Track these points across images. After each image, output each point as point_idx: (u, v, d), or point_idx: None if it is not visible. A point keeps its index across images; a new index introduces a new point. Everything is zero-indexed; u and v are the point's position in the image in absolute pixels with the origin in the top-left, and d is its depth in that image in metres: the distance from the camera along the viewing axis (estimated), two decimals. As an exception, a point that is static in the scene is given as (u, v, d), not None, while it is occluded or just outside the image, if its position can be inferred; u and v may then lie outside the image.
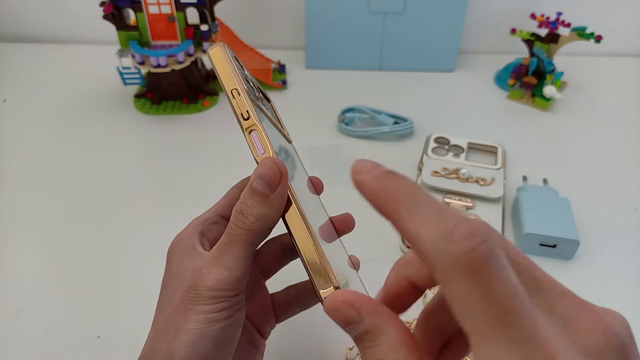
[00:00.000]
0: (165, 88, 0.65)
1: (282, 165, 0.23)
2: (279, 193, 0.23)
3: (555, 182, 0.53)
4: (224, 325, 0.24)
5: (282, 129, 0.30)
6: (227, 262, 0.24)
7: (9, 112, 0.66)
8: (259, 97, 0.28)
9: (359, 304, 0.17)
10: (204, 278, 0.24)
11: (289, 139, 0.31)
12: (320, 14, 0.70)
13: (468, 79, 0.74)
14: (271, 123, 0.28)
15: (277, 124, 0.29)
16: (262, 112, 0.27)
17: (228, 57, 0.26)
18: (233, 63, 0.26)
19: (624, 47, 0.79)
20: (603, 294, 0.42)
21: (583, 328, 0.15)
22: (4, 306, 0.41)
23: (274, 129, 0.28)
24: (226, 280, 0.23)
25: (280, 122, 0.30)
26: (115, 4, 0.58)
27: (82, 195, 0.52)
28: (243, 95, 0.25)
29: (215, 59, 0.26)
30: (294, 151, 0.31)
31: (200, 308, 0.23)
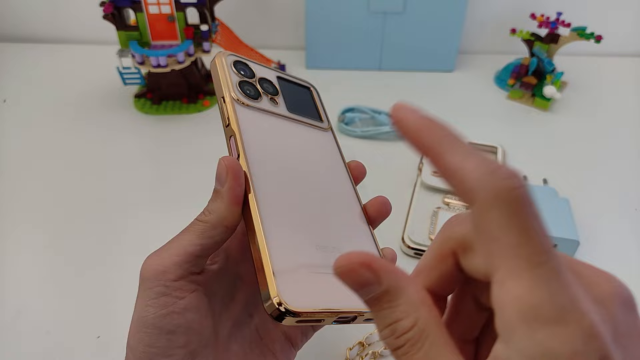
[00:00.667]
0: (165, 88, 0.65)
1: (232, 163, 0.25)
2: (228, 187, 0.24)
3: (555, 182, 0.53)
4: (165, 312, 0.23)
5: (309, 117, 0.31)
6: (171, 248, 0.24)
7: (9, 112, 0.66)
8: (261, 93, 0.29)
9: (376, 265, 0.16)
10: (146, 263, 0.24)
11: (321, 126, 0.31)
12: (321, 14, 0.70)
13: (468, 79, 0.74)
14: (280, 117, 0.29)
15: (301, 114, 0.31)
16: (259, 110, 0.28)
17: (223, 66, 0.29)
18: (227, 71, 0.28)
19: (624, 47, 0.79)
20: (603, 294, 0.43)
21: (594, 282, 0.16)
22: (4, 306, 0.41)
23: (283, 123, 0.29)
24: (163, 263, 0.24)
25: (316, 109, 0.32)
26: (115, 4, 0.58)
27: (82, 195, 0.52)
28: (228, 104, 0.27)
29: (212, 68, 0.29)
30: (328, 138, 0.31)
31: (142, 294, 0.24)
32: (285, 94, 0.31)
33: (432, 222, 0.47)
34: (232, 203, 0.24)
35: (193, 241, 0.24)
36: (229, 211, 0.24)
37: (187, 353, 0.24)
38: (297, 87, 0.33)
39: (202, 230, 0.24)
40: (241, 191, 0.24)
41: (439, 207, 0.49)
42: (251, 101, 0.28)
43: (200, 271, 0.26)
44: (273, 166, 0.27)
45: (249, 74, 0.30)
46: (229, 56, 0.30)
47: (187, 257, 0.24)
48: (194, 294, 0.25)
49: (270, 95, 0.30)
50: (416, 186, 0.52)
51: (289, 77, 0.32)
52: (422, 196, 0.50)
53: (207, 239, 0.24)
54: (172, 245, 0.25)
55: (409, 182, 0.53)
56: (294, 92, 0.32)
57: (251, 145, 0.26)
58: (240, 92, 0.28)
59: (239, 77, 0.29)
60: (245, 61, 0.30)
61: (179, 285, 0.24)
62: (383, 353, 0.38)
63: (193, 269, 0.25)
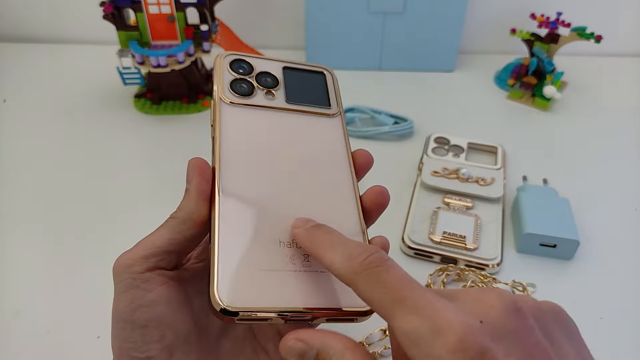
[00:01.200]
0: (165, 88, 0.65)
1: (199, 161, 0.26)
2: (194, 183, 0.25)
3: (555, 182, 0.53)
4: (134, 306, 0.23)
5: (313, 105, 0.30)
6: (140, 244, 0.25)
7: (9, 112, 0.66)
8: (256, 88, 0.30)
9: (304, 336, 0.21)
10: (117, 259, 0.25)
11: (328, 112, 0.31)
12: (321, 14, 0.70)
13: (468, 79, 0.74)
14: (274, 110, 0.29)
15: (303, 102, 0.30)
16: (249, 107, 0.29)
17: (218, 68, 0.30)
18: (221, 72, 0.30)
19: (624, 47, 0.79)
20: (603, 294, 0.43)
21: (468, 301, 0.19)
22: (4, 306, 0.41)
23: (276, 115, 0.29)
24: (130, 256, 0.24)
25: (327, 95, 0.32)
26: (115, 4, 0.58)
27: (82, 195, 0.52)
28: (215, 104, 0.29)
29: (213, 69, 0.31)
30: (333, 124, 0.30)
31: (114, 290, 0.24)
32: (287, 84, 0.31)
33: (432, 222, 0.47)
34: (199, 198, 0.25)
35: (162, 235, 0.25)
36: (196, 206, 0.25)
37: (163, 348, 0.24)
38: (307, 74, 0.32)
39: (171, 225, 0.25)
40: (208, 187, 0.25)
41: (439, 207, 0.49)
42: (241, 98, 0.29)
43: (172, 267, 0.26)
44: (251, 162, 0.27)
45: (247, 70, 0.30)
46: (227, 56, 0.30)
47: (155, 250, 0.25)
48: (163, 287, 0.24)
49: (267, 88, 0.30)
50: (416, 186, 0.52)
51: (301, 65, 0.32)
52: (422, 196, 0.50)
53: (176, 233, 0.25)
54: (141, 241, 0.25)
55: (409, 182, 0.53)
56: (301, 80, 0.31)
57: (229, 142, 0.27)
58: (229, 91, 0.29)
59: (232, 76, 0.30)
60: (245, 58, 0.31)
61: (147, 277, 0.24)
62: (383, 353, 0.38)
63: (161, 264, 0.25)
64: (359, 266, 0.20)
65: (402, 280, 0.19)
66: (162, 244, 0.25)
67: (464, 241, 0.45)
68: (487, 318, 0.18)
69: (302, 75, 0.32)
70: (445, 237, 0.45)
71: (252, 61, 0.31)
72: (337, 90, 0.32)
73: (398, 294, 0.18)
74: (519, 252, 0.46)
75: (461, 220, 0.47)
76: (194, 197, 0.25)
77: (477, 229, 0.46)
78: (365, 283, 0.19)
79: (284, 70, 0.31)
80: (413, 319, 0.17)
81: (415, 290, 0.18)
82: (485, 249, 0.45)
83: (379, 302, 0.19)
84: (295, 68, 0.32)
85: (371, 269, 0.19)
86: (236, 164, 0.26)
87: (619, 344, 0.39)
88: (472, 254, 0.44)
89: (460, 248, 0.45)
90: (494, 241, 0.46)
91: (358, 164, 0.29)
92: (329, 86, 0.32)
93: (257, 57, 0.31)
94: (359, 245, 0.21)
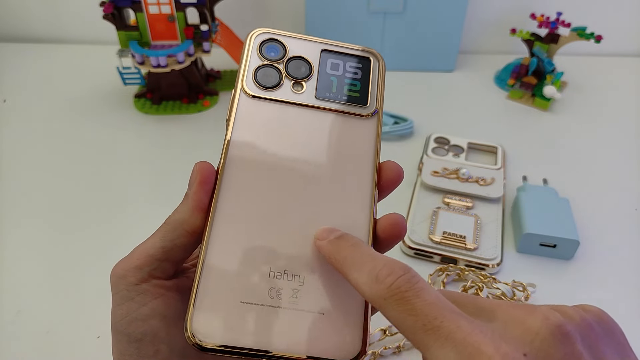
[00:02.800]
0: (165, 88, 0.65)
1: (204, 167, 0.24)
2: (193, 191, 0.23)
3: (555, 182, 0.53)
4: (129, 319, 0.23)
5: (346, 102, 0.26)
6: (135, 252, 0.24)
7: (9, 112, 0.66)
8: (283, 78, 0.26)
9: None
10: (113, 267, 0.24)
11: (361, 112, 0.26)
12: (321, 14, 0.70)
13: (468, 79, 0.74)
14: (299, 106, 0.25)
15: (335, 98, 0.26)
16: (272, 101, 0.25)
17: (246, 49, 0.26)
18: (249, 55, 0.26)
19: (624, 47, 0.79)
20: (603, 294, 0.43)
21: (515, 321, 0.18)
22: (4, 306, 0.41)
23: (300, 114, 0.25)
24: (124, 266, 0.23)
25: (366, 89, 0.27)
26: (115, 4, 0.58)
27: (82, 195, 0.52)
28: (235, 96, 0.25)
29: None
30: (365, 128, 0.26)
31: (112, 299, 0.23)
32: (321, 74, 0.26)
33: (432, 222, 0.47)
34: (194, 208, 0.23)
35: (155, 244, 0.24)
36: (190, 215, 0.23)
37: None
38: (348, 59, 0.27)
39: (164, 232, 0.24)
40: (206, 197, 0.23)
41: (439, 207, 0.49)
42: (264, 91, 0.25)
43: (169, 275, 0.24)
44: (259, 172, 0.24)
45: (278, 54, 0.26)
46: (259, 35, 0.26)
47: (148, 259, 0.23)
48: (158, 300, 0.23)
49: (296, 79, 0.26)
50: (416, 186, 0.52)
51: (344, 47, 0.28)
52: (422, 196, 0.50)
53: (168, 242, 0.24)
54: (136, 250, 0.24)
55: (409, 182, 0.53)
56: (339, 68, 0.27)
57: (238, 147, 0.24)
58: (253, 81, 0.25)
59: (260, 60, 0.26)
60: (279, 38, 0.27)
61: (142, 289, 0.23)
62: (383, 353, 0.38)
63: (156, 273, 0.24)
64: (387, 291, 0.18)
65: (434, 306, 0.17)
66: (155, 252, 0.23)
67: (464, 241, 0.45)
68: (531, 348, 0.17)
69: (341, 61, 0.27)
70: (445, 237, 0.45)
71: (286, 42, 0.27)
72: (381, 82, 0.27)
73: (431, 323, 0.17)
74: (519, 252, 0.46)
75: (461, 220, 0.47)
76: (189, 205, 0.23)
77: (477, 229, 0.46)
78: (395, 310, 0.18)
79: (322, 54, 0.27)
80: (449, 353, 0.16)
81: (450, 318, 0.17)
82: (485, 249, 0.45)
83: (411, 331, 0.17)
84: (335, 51, 0.27)
85: (400, 294, 0.18)
86: (241, 174, 0.24)
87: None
88: (472, 254, 0.44)
89: (460, 248, 0.45)
90: (494, 241, 0.45)
91: (385, 178, 0.25)
92: (371, 77, 0.27)
93: (294, 36, 0.27)
94: (386, 263, 0.19)
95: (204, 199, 0.23)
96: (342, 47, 0.28)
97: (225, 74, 0.72)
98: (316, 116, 0.26)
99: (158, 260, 0.23)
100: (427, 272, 0.44)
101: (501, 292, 0.41)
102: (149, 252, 0.23)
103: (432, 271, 0.44)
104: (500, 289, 0.41)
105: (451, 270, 0.44)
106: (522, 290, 0.42)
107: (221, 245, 0.22)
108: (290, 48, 0.26)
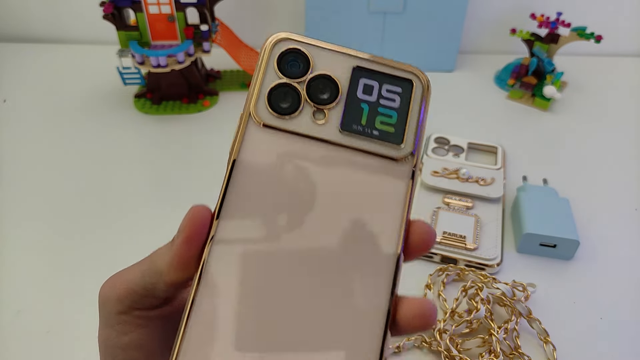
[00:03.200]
0: (165, 88, 0.65)
1: (198, 217, 0.20)
2: (178, 244, 0.20)
3: (555, 182, 0.53)
4: (110, 344, 0.22)
5: (376, 139, 0.21)
6: (120, 278, 0.22)
7: (8, 112, 0.66)
8: (302, 103, 0.21)
9: None
10: (101, 287, 0.22)
11: (393, 154, 0.21)
12: (320, 14, 0.70)
13: (468, 79, 0.74)
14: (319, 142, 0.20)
15: (364, 133, 0.21)
16: (286, 133, 0.20)
17: (262, 60, 0.21)
18: (263, 68, 0.21)
19: (624, 47, 0.79)
20: (603, 295, 0.43)
21: None
22: (4, 306, 0.41)
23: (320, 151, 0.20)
24: (105, 293, 0.22)
25: (403, 122, 0.21)
26: (115, 4, 0.58)
27: (82, 195, 0.52)
28: (242, 122, 0.20)
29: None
30: (396, 175, 0.21)
31: (99, 319, 0.22)
32: (350, 99, 0.21)
33: (432, 222, 0.47)
34: (175, 265, 0.20)
35: (136, 280, 0.21)
36: (170, 269, 0.20)
37: None
38: (385, 81, 0.22)
39: (146, 269, 0.21)
40: (190, 256, 0.20)
41: (439, 207, 0.49)
42: (277, 119, 0.20)
43: (152, 306, 0.22)
44: (258, 231, 0.20)
45: (300, 69, 0.21)
46: (279, 43, 0.21)
47: (129, 293, 0.21)
48: (139, 332, 0.22)
49: (318, 105, 0.21)
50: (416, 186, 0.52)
51: (382, 64, 0.22)
52: (422, 196, 0.50)
53: (148, 283, 0.21)
54: (120, 276, 0.22)
55: (409, 182, 0.53)
56: (373, 91, 0.21)
57: (238, 193, 0.20)
58: (266, 105, 0.20)
59: (277, 77, 0.21)
60: (304, 48, 0.21)
61: (122, 319, 0.22)
62: (383, 353, 0.38)
63: (137, 305, 0.22)
64: None
65: None
66: (136, 288, 0.21)
67: (464, 241, 0.45)
68: None
69: (376, 83, 0.21)
70: (445, 237, 0.45)
71: (312, 54, 0.21)
72: (424, 112, 0.22)
73: None
74: (519, 252, 0.46)
75: (461, 220, 0.47)
76: (169, 260, 0.20)
77: (477, 229, 0.46)
78: None
79: (355, 72, 0.21)
80: None
81: None
82: (485, 249, 0.45)
83: None
84: (371, 70, 0.21)
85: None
86: (237, 229, 0.20)
87: (619, 344, 0.39)
88: (472, 254, 0.44)
89: (460, 248, 0.45)
90: (494, 241, 0.45)
91: (412, 242, 0.20)
92: (412, 106, 0.22)
93: (321, 46, 0.22)
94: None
95: (187, 257, 0.20)
96: (381, 63, 0.22)
97: (225, 74, 0.72)
98: (337, 157, 0.20)
99: (140, 295, 0.22)
100: (427, 272, 0.44)
101: (501, 292, 0.41)
102: (129, 286, 0.21)
103: (432, 271, 0.44)
104: (500, 289, 0.41)
105: (451, 271, 0.44)
106: (522, 291, 0.42)
107: (205, 313, 0.19)
108: (316, 62, 0.21)
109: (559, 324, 0.40)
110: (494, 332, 0.38)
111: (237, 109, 0.72)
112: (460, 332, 0.40)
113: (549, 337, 0.39)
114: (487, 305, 0.40)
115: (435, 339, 0.39)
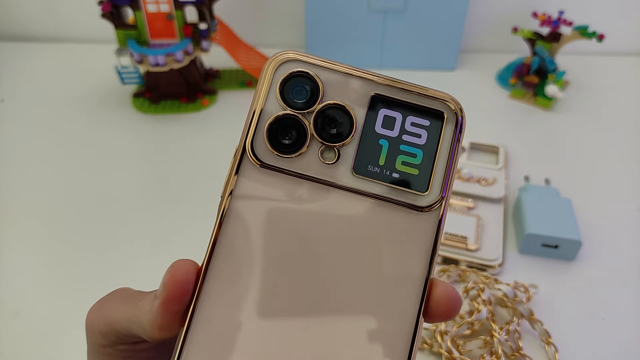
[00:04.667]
0: (164, 87, 0.64)
1: (180, 277, 0.17)
2: (157, 305, 0.18)
3: (557, 182, 0.52)
4: None
5: (396, 185, 0.18)
6: (105, 311, 0.21)
7: (7, 112, 0.65)
8: (309, 139, 0.18)
9: None
10: (88, 312, 0.22)
11: (416, 202, 0.17)
12: (321, 12, 0.70)
13: (469, 78, 0.73)
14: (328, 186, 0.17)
15: (381, 177, 0.18)
16: (290, 174, 0.17)
17: (262, 84, 0.18)
18: (263, 95, 0.18)
19: (626, 45, 0.79)
20: (605, 295, 0.42)
21: None
22: (2, 307, 0.41)
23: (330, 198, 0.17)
24: (92, 323, 0.21)
25: (429, 165, 0.18)
26: (114, 3, 0.58)
27: (81, 194, 0.52)
28: (234, 159, 0.18)
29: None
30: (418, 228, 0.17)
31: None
32: (367, 134, 0.18)
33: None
34: (157, 324, 0.18)
35: (122, 321, 0.20)
36: (153, 328, 0.18)
37: None
38: (411, 113, 0.18)
39: (132, 316, 0.20)
40: (171, 318, 0.18)
41: (440, 207, 0.48)
42: (278, 159, 0.17)
43: (139, 342, 0.21)
44: (254, 290, 0.17)
45: (308, 98, 0.18)
46: (282, 65, 0.18)
47: (114, 330, 0.20)
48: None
49: (328, 142, 0.18)
50: (417, 186, 0.52)
51: (407, 92, 0.18)
52: (423, 196, 0.50)
53: (133, 329, 0.20)
54: (108, 311, 0.21)
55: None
56: (395, 126, 0.18)
57: (234, 247, 0.17)
58: (265, 141, 0.17)
59: (279, 107, 0.18)
60: (312, 72, 0.18)
61: (107, 352, 0.21)
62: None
63: (122, 341, 0.21)
64: None
65: None
66: (121, 329, 0.20)
67: (466, 242, 0.45)
68: None
69: (399, 115, 0.18)
70: (446, 237, 0.45)
71: (322, 78, 0.18)
72: (455, 151, 0.18)
73: None
74: (520, 253, 0.46)
75: (463, 221, 0.47)
76: (153, 318, 0.18)
77: (478, 229, 0.46)
78: None
79: (373, 101, 0.18)
80: None
81: None
82: (486, 249, 0.44)
83: None
84: (393, 99, 0.18)
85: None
86: (227, 295, 0.17)
87: (620, 345, 0.38)
88: (473, 255, 0.44)
89: (461, 249, 0.44)
90: (495, 242, 0.45)
91: (434, 307, 0.17)
92: (441, 144, 0.18)
93: (333, 67, 0.18)
94: None
95: (168, 319, 0.18)
96: (405, 90, 0.18)
97: (224, 72, 0.71)
98: (349, 205, 0.17)
99: (125, 335, 0.20)
100: (428, 273, 0.43)
101: (503, 293, 0.40)
102: (115, 326, 0.20)
103: (433, 272, 0.43)
104: (501, 290, 0.41)
105: (452, 271, 0.43)
106: (524, 291, 0.41)
107: None
108: (327, 89, 0.18)
109: (560, 325, 0.39)
110: (495, 333, 0.38)
111: (236, 108, 0.72)
112: (462, 334, 0.39)
113: (550, 338, 0.38)
114: (488, 306, 0.39)
115: (436, 341, 0.38)
